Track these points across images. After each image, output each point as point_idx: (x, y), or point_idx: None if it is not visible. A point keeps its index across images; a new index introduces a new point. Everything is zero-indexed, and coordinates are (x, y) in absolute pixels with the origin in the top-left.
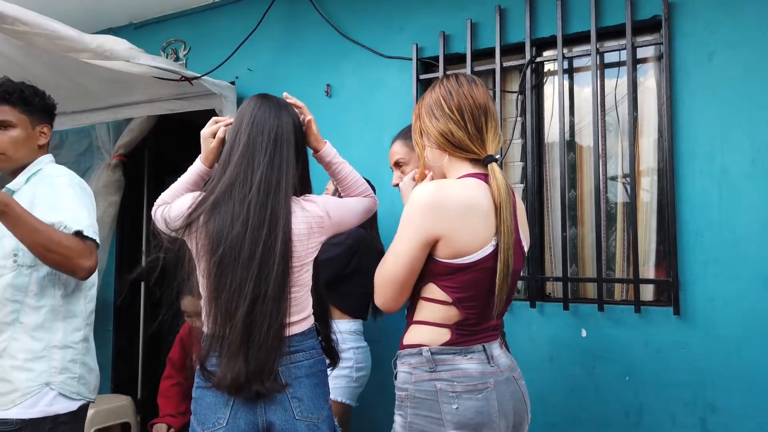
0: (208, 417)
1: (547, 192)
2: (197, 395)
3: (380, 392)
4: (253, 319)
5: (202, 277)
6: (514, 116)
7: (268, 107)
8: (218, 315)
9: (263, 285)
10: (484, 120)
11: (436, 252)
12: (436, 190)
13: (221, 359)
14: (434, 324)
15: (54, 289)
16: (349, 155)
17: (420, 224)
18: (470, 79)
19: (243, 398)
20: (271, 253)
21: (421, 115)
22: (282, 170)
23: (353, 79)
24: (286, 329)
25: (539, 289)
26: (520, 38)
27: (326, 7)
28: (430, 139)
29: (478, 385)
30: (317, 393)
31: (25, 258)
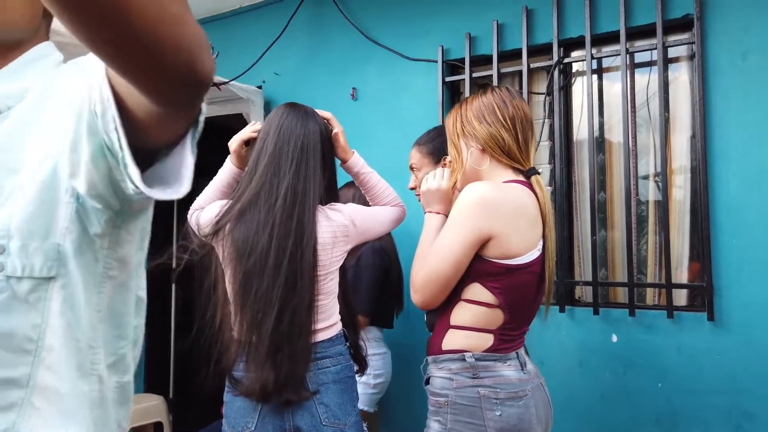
0: (238, 420)
1: (575, 194)
2: (228, 399)
3: (407, 397)
4: (282, 328)
5: (229, 283)
6: (541, 118)
7: (296, 116)
8: (245, 322)
9: (291, 294)
10: (530, 133)
11: (485, 251)
12: (491, 189)
13: (248, 365)
14: (477, 329)
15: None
16: (374, 158)
17: (473, 222)
18: (519, 94)
19: (271, 404)
20: (298, 263)
21: (468, 117)
22: (308, 179)
23: (378, 82)
24: (313, 337)
25: (568, 293)
26: (547, 39)
27: (352, 10)
28: (476, 142)
29: (518, 392)
30: (344, 399)
31: (25, 256)
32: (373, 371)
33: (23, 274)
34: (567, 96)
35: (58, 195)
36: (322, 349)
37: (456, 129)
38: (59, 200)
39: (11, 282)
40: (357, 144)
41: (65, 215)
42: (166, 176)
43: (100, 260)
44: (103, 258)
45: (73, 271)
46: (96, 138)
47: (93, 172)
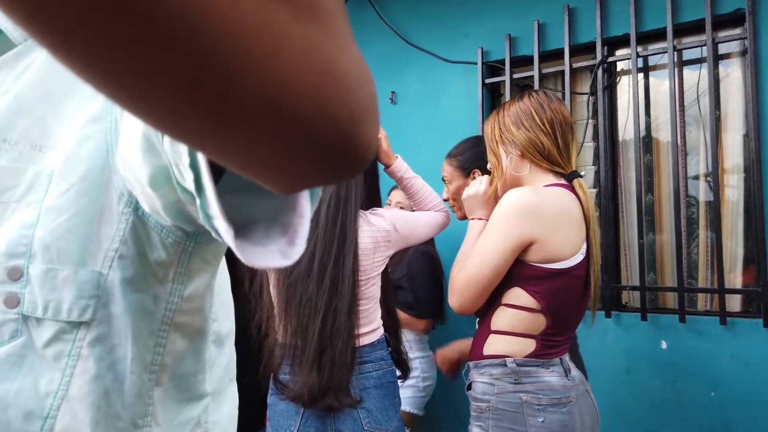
0: (281, 423)
1: (621, 196)
2: (271, 402)
3: (448, 401)
4: (326, 332)
5: (274, 288)
6: (585, 118)
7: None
8: (289, 327)
9: (335, 299)
10: (570, 137)
11: (527, 255)
12: (532, 194)
13: (294, 369)
14: (518, 334)
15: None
16: (414, 162)
17: (514, 227)
18: (557, 97)
19: (313, 408)
20: (342, 268)
21: (505, 123)
22: (350, 185)
23: (418, 86)
24: (356, 341)
25: (615, 298)
26: (590, 38)
27: (390, 14)
28: (515, 148)
29: (562, 398)
30: (386, 404)
31: (50, 288)
32: (422, 374)
33: (45, 315)
34: (611, 96)
35: (106, 199)
36: (364, 354)
37: (494, 136)
38: (107, 208)
39: (29, 324)
40: (397, 148)
41: (114, 231)
42: (260, 216)
43: (162, 300)
44: (165, 297)
45: (118, 315)
46: (156, 161)
47: (152, 198)
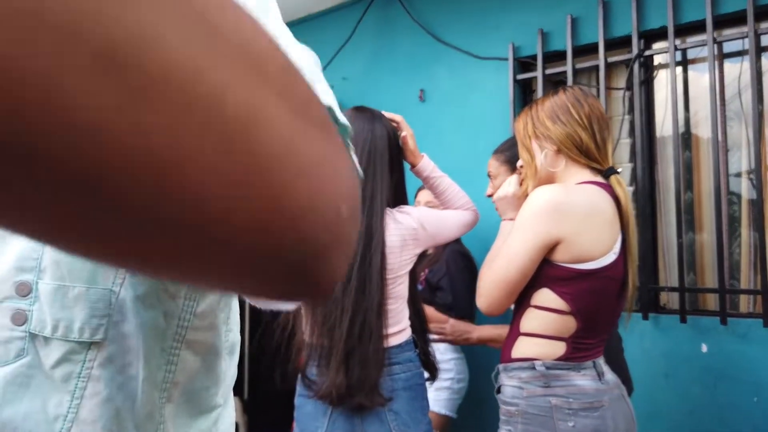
0: (308, 424)
1: (659, 194)
2: (299, 403)
3: (478, 403)
4: (354, 332)
5: None
6: (620, 114)
7: (362, 120)
8: (316, 326)
9: (363, 298)
10: (607, 133)
11: (554, 255)
12: (559, 193)
13: (321, 369)
14: (548, 336)
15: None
16: (444, 160)
17: (540, 226)
18: (592, 93)
19: (341, 409)
20: (369, 267)
21: (540, 118)
22: (377, 183)
23: (447, 83)
24: (384, 341)
25: (652, 299)
26: (626, 31)
27: (419, 11)
28: (550, 143)
29: (594, 402)
30: (415, 407)
31: (60, 306)
32: (456, 375)
33: (54, 334)
34: (648, 90)
35: None
36: (392, 355)
37: (527, 131)
38: None
39: (36, 343)
40: (425, 146)
41: None
42: None
43: (173, 317)
44: (177, 313)
45: (129, 334)
46: None
47: None
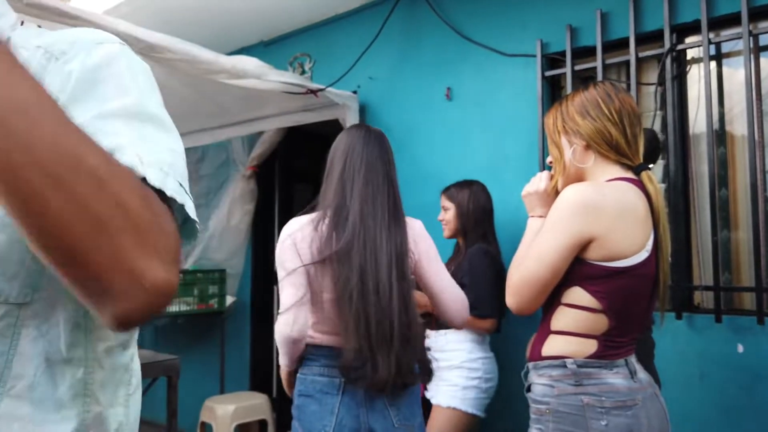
0: (314, 425)
1: (693, 191)
2: (299, 402)
3: (508, 402)
4: (402, 320)
5: (330, 290)
6: (652, 110)
7: (355, 137)
8: (348, 332)
9: (405, 295)
10: (638, 128)
11: (587, 254)
12: (591, 190)
13: (374, 359)
14: (579, 334)
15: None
16: (470, 159)
17: (572, 224)
18: (623, 88)
19: (347, 406)
20: (398, 268)
21: (569, 114)
22: (397, 197)
23: (474, 81)
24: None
25: (686, 298)
26: (657, 25)
27: (445, 10)
28: (580, 138)
29: (627, 401)
30: (411, 401)
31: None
32: (484, 375)
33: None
34: (681, 86)
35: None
36: None
37: (557, 127)
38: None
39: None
40: (452, 145)
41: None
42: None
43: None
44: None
45: (50, 296)
46: None
47: None
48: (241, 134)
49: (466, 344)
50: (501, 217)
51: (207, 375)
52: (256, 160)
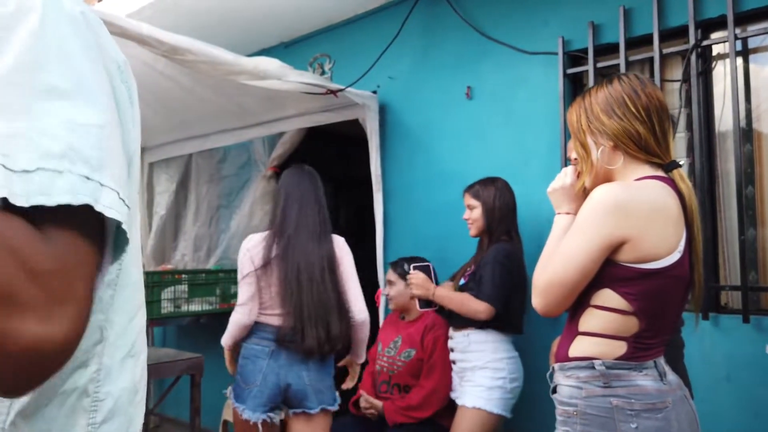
0: (248, 377)
1: (719, 189)
2: (241, 363)
3: (533, 403)
4: (328, 308)
5: (276, 285)
6: (677, 107)
7: (294, 176)
8: (287, 315)
9: (325, 290)
10: (667, 124)
11: (618, 255)
12: (622, 190)
13: (303, 332)
14: (608, 336)
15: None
16: (490, 158)
17: (603, 226)
18: (650, 80)
19: (271, 366)
20: (328, 271)
21: (594, 112)
22: (326, 218)
23: (494, 79)
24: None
25: (713, 299)
26: (682, 21)
27: (465, 8)
28: (606, 139)
29: (657, 404)
30: (324, 368)
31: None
32: (509, 375)
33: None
34: (706, 82)
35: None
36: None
37: (581, 125)
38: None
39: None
40: (472, 145)
41: None
42: None
43: None
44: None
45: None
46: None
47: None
48: (262, 135)
49: (489, 344)
50: (523, 215)
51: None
52: (276, 161)
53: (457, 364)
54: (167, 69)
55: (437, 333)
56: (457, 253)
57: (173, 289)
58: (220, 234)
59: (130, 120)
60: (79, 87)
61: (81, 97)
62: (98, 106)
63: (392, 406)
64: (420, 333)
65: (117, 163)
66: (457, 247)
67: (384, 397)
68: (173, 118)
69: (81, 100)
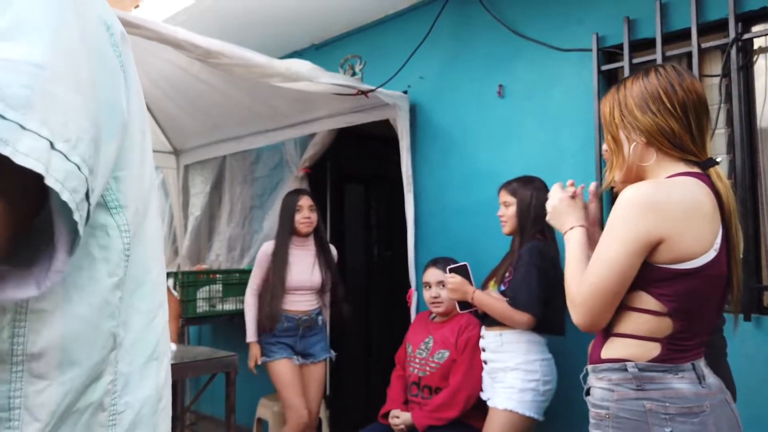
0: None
1: (761, 187)
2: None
3: (566, 405)
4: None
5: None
6: (716, 103)
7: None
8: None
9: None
10: (705, 119)
11: (654, 257)
12: (655, 190)
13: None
14: (641, 337)
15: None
16: (524, 156)
17: (639, 227)
18: (688, 71)
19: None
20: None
21: (628, 106)
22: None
23: (527, 77)
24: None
25: (755, 299)
26: (721, 14)
27: (497, 6)
28: (639, 134)
29: (693, 408)
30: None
31: None
32: (542, 377)
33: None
34: (747, 77)
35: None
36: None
37: (614, 118)
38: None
39: None
40: (504, 143)
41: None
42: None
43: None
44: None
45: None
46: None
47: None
48: (294, 136)
49: (522, 345)
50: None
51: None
52: (308, 162)
53: (488, 365)
54: (202, 72)
55: (471, 333)
56: (489, 253)
57: (208, 289)
58: (253, 234)
59: (121, 85)
60: (18, 23)
61: (19, 34)
62: (43, 44)
63: (420, 412)
64: (454, 334)
65: (61, 113)
66: (489, 247)
67: (414, 402)
68: (208, 121)
69: (19, 36)
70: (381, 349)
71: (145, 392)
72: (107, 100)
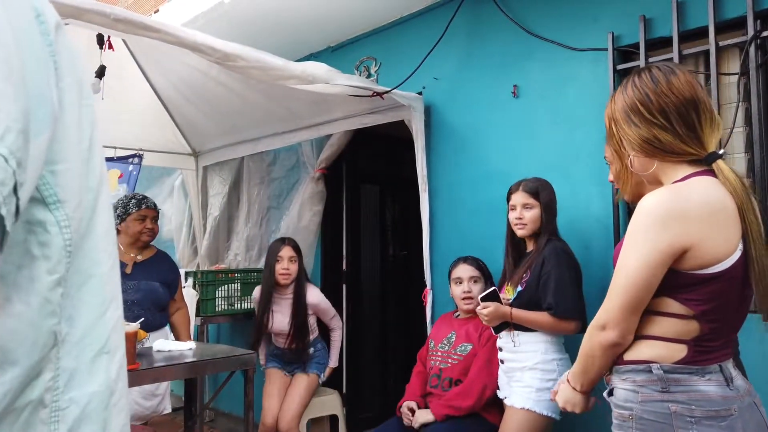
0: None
1: None
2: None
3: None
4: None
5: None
6: (734, 101)
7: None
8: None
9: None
10: (695, 115)
11: (679, 264)
12: (674, 197)
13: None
14: (666, 339)
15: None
16: (539, 156)
17: (660, 237)
18: (666, 71)
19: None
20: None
21: (617, 120)
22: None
23: (541, 77)
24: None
25: None
26: (740, 12)
27: (511, 7)
28: (630, 147)
29: (720, 411)
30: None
31: None
32: (560, 377)
33: None
34: (766, 75)
35: None
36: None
37: (612, 135)
38: None
39: None
40: (519, 142)
41: None
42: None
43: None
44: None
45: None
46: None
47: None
48: (310, 138)
49: (539, 345)
50: (571, 214)
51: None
52: (324, 162)
53: (505, 364)
54: (220, 75)
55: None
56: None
57: (226, 288)
58: (271, 234)
59: (51, 76)
60: None
61: None
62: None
63: (438, 401)
64: (478, 330)
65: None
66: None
67: (434, 392)
68: (226, 123)
69: None
70: (397, 348)
71: (93, 387)
72: (36, 91)
